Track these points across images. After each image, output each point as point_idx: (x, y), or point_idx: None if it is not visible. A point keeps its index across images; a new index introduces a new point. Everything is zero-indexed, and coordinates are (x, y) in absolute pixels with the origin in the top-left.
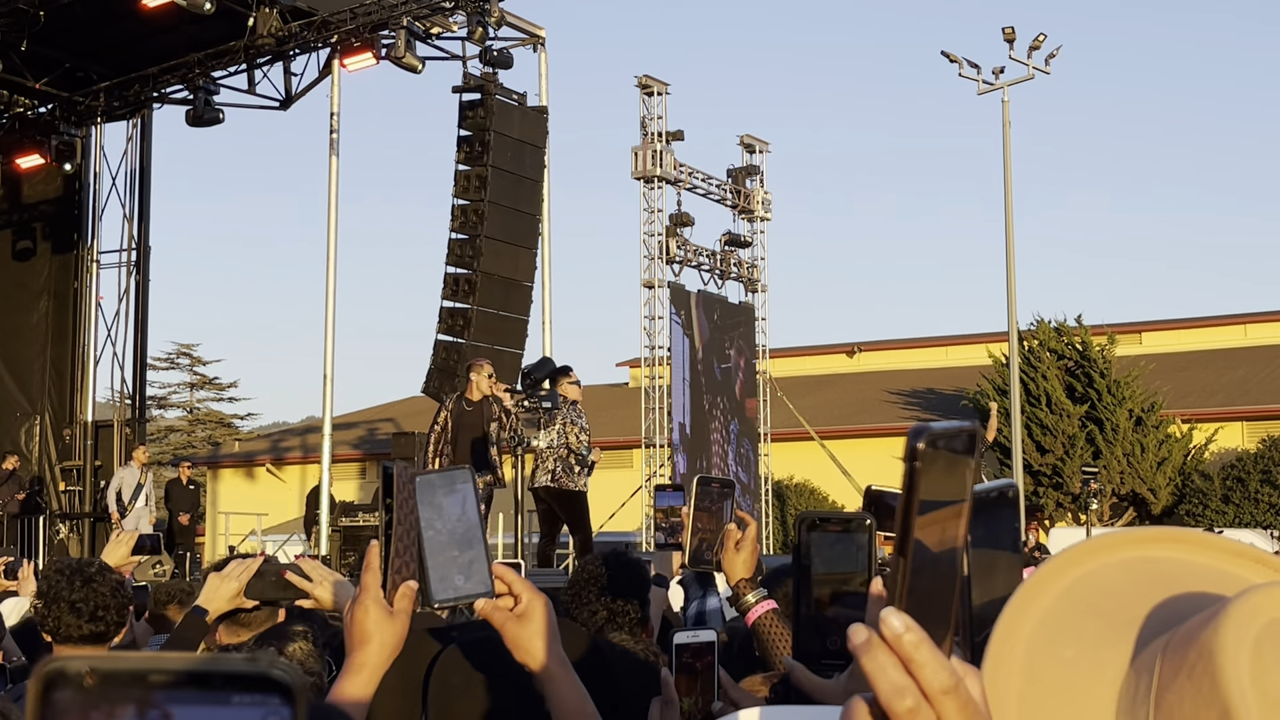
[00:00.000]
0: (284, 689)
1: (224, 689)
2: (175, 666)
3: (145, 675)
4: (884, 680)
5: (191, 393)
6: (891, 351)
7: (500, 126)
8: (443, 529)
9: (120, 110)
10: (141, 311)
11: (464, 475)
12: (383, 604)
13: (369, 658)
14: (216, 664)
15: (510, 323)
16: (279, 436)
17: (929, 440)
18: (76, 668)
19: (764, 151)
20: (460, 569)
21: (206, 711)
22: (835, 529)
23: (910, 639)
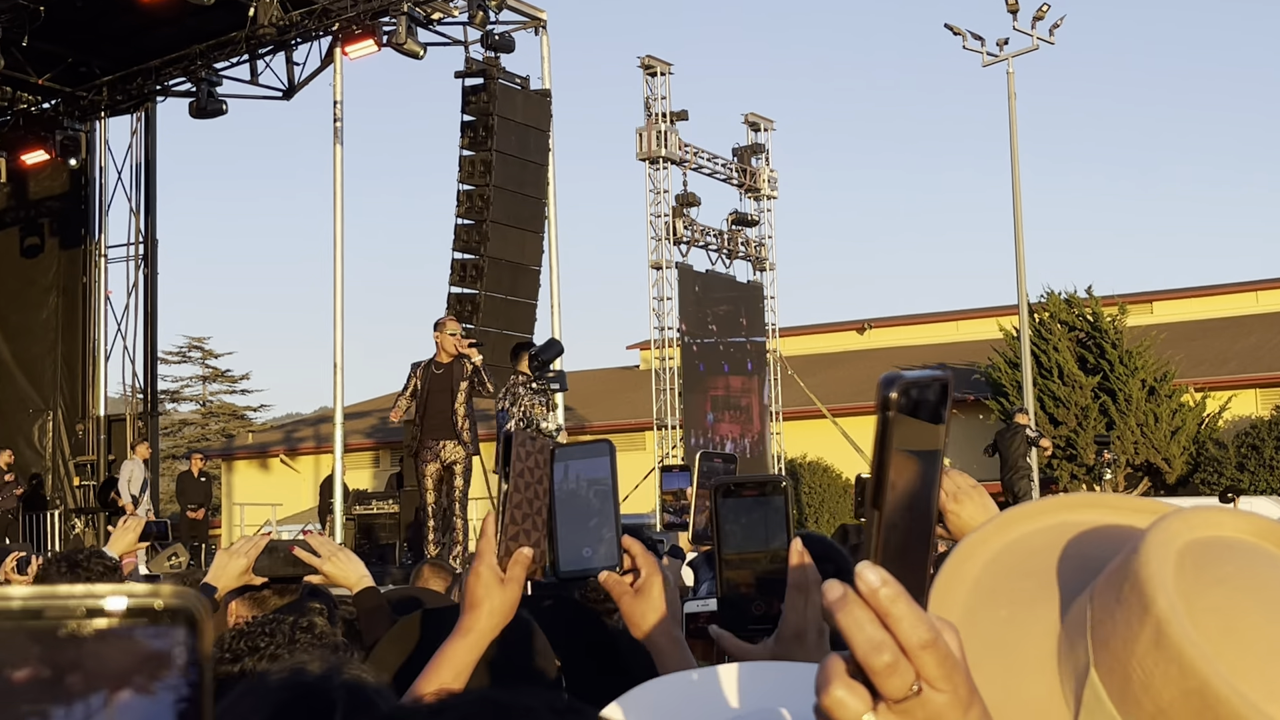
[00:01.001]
0: (184, 614)
1: (126, 620)
2: (73, 601)
3: (41, 611)
4: (860, 635)
5: (204, 386)
6: (901, 327)
7: (504, 111)
8: (575, 500)
9: (124, 104)
10: (150, 305)
11: (604, 448)
12: (496, 570)
13: (478, 622)
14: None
15: (518, 307)
16: (292, 427)
17: (901, 389)
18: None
19: (769, 129)
20: (590, 541)
21: (109, 644)
22: (751, 493)
23: (887, 593)
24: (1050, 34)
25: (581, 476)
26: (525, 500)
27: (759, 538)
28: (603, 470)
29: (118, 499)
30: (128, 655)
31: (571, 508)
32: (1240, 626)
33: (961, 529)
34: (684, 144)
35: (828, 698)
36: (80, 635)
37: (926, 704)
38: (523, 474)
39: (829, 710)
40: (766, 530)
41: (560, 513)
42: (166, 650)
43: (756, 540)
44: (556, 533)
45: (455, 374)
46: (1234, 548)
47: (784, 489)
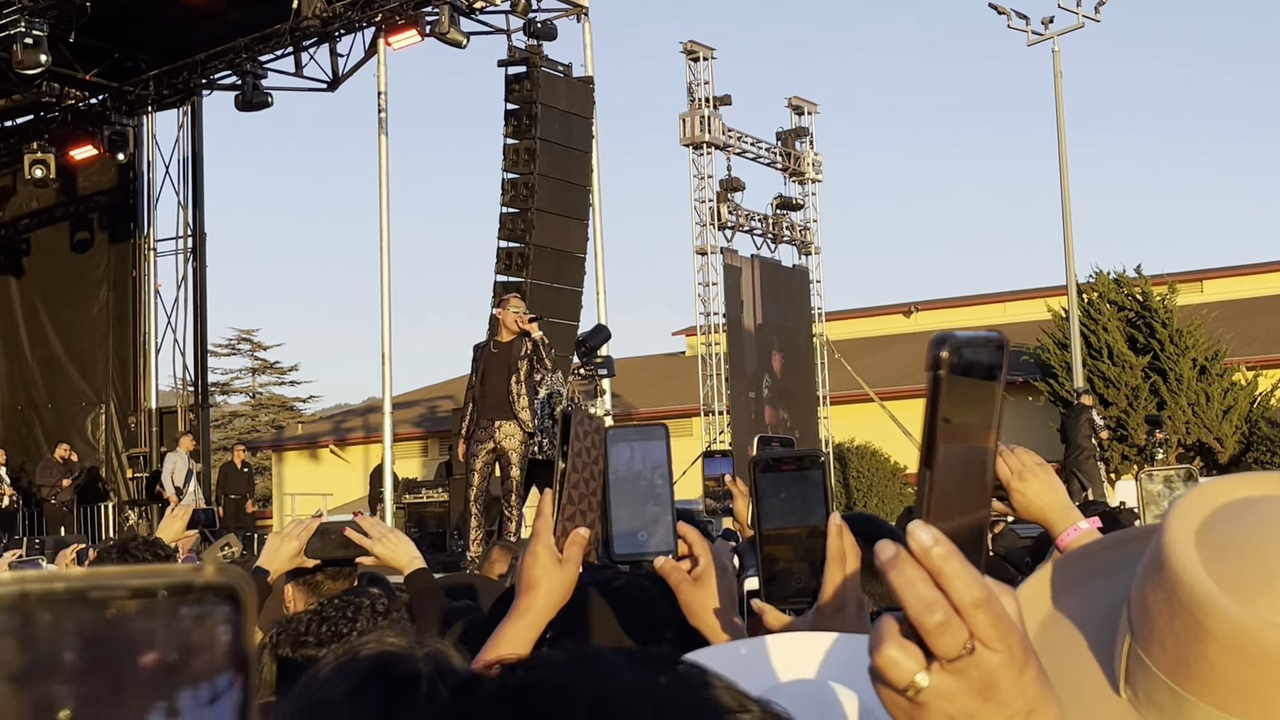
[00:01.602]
0: (228, 591)
1: (169, 600)
2: (116, 581)
3: (85, 592)
4: (912, 594)
5: (253, 378)
6: (949, 310)
7: (547, 99)
8: (630, 483)
9: (170, 98)
10: (200, 298)
11: (659, 431)
12: (553, 551)
13: (535, 603)
14: (158, 575)
15: (564, 295)
16: (341, 418)
17: (953, 348)
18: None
19: (812, 113)
20: (645, 525)
21: (153, 624)
22: (789, 468)
23: (939, 552)
24: (1096, 11)
25: (636, 458)
26: (582, 480)
27: (798, 512)
28: (658, 453)
29: (162, 491)
30: (173, 633)
31: (626, 490)
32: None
33: (1027, 508)
34: (727, 129)
35: (880, 657)
36: (126, 615)
37: (980, 663)
38: (580, 453)
39: (882, 670)
40: (805, 504)
41: (614, 494)
42: (211, 627)
43: (795, 514)
44: (610, 515)
45: (514, 352)
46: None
47: (821, 463)
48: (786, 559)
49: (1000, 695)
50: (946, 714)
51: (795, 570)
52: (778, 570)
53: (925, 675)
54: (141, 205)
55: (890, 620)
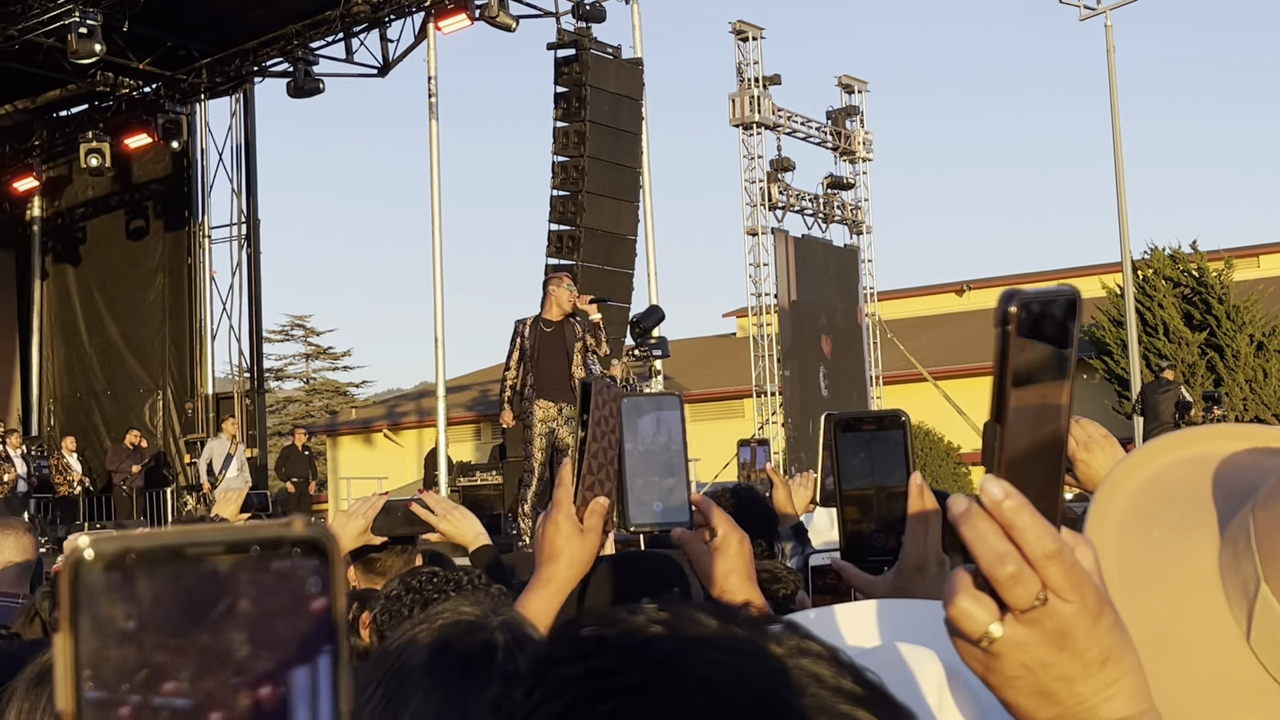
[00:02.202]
0: (318, 547)
1: (261, 553)
2: (210, 537)
3: (182, 548)
4: (984, 547)
5: (307, 363)
6: (1002, 288)
7: (596, 81)
8: (645, 452)
9: (223, 86)
10: (254, 284)
11: (672, 400)
12: (574, 520)
13: (557, 573)
14: (251, 531)
15: (615, 277)
16: (394, 402)
17: (1021, 304)
18: (112, 546)
19: (863, 91)
20: (660, 494)
21: (245, 577)
22: (870, 428)
23: (1010, 505)
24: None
25: (651, 428)
26: (601, 449)
27: (879, 471)
28: (673, 422)
29: (197, 477)
30: (264, 587)
31: (641, 459)
32: None
33: (1092, 479)
34: (777, 108)
35: (954, 609)
36: (219, 570)
37: (1054, 614)
38: (600, 422)
39: (955, 621)
40: (886, 464)
41: (629, 464)
42: (301, 581)
43: (876, 474)
44: (626, 484)
45: (568, 334)
46: None
47: (903, 423)
48: (866, 519)
49: (1075, 644)
50: (1021, 664)
51: (875, 530)
52: (858, 530)
53: (999, 626)
54: (196, 193)
55: (963, 573)
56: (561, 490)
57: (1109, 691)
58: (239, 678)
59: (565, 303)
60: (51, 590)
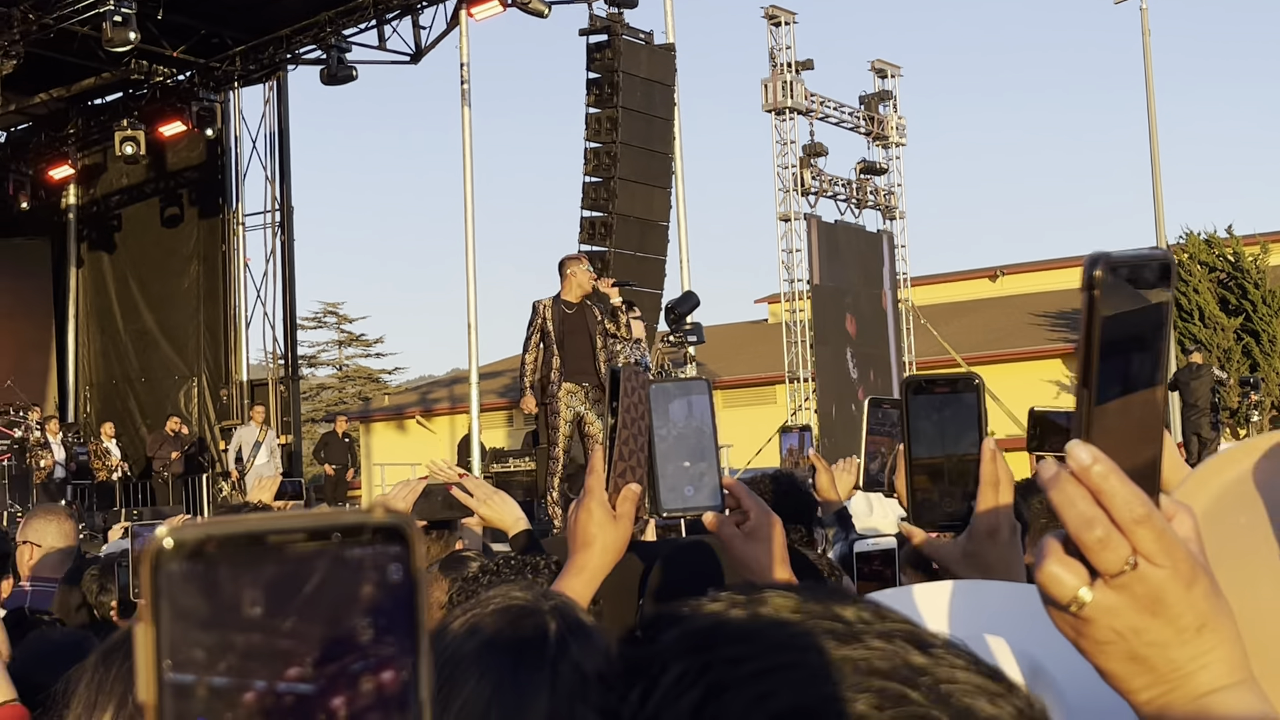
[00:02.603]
0: (397, 532)
1: (342, 541)
2: (291, 524)
3: (263, 536)
4: (1072, 512)
5: (340, 350)
6: (1035, 273)
7: (628, 67)
8: (675, 438)
9: (256, 74)
10: (288, 271)
11: (700, 385)
12: (607, 507)
13: (591, 560)
14: (331, 518)
15: (648, 263)
16: (427, 389)
17: (1107, 267)
18: (193, 535)
19: (896, 76)
20: (691, 480)
21: (326, 564)
22: (943, 390)
23: (1098, 470)
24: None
25: (680, 413)
26: (632, 436)
27: (950, 435)
28: (701, 407)
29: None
30: (345, 574)
31: (671, 445)
32: None
33: None
34: (810, 93)
35: (1042, 573)
36: (301, 557)
37: (1145, 579)
38: (629, 409)
39: (1044, 586)
40: (958, 427)
41: (660, 450)
42: (382, 566)
43: (948, 437)
44: (656, 470)
45: (589, 316)
46: None
47: (976, 386)
48: (936, 483)
49: (1168, 611)
50: (1113, 629)
51: (945, 494)
52: (927, 494)
53: (1088, 590)
54: (230, 180)
55: (1052, 540)
56: (594, 478)
57: (1205, 659)
58: (320, 665)
59: (586, 284)
60: (101, 574)
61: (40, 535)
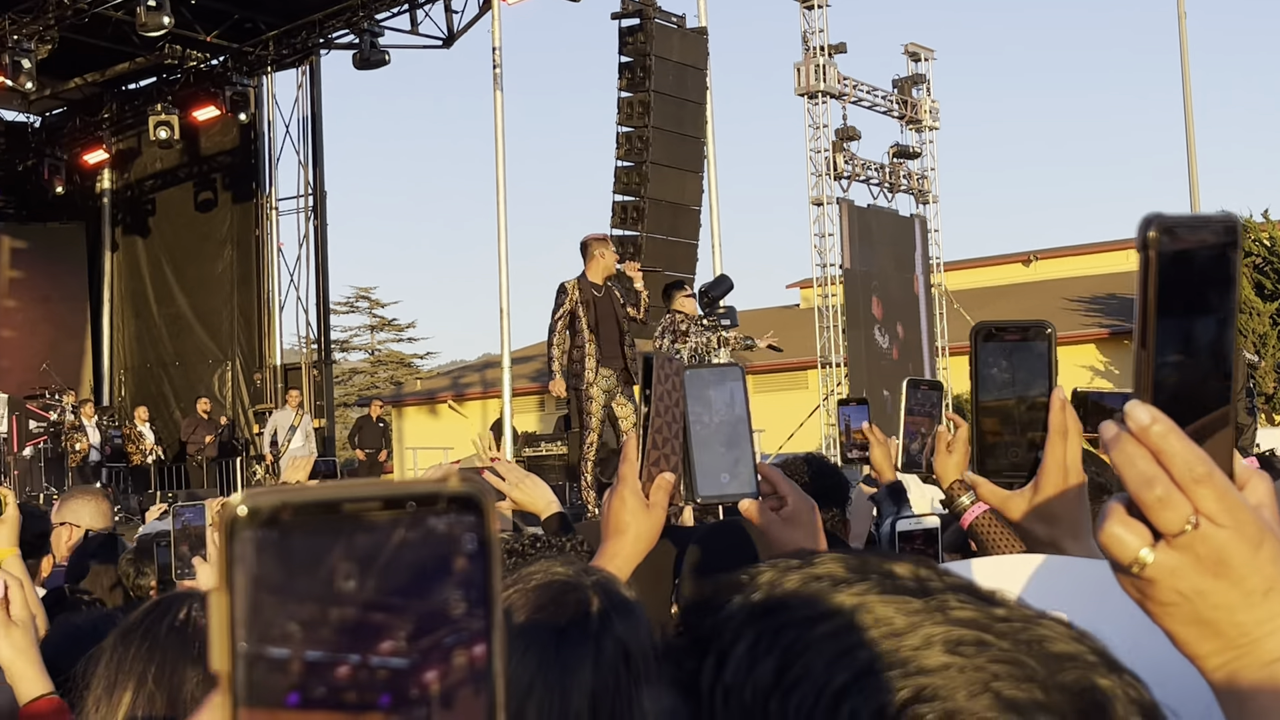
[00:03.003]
0: (471, 502)
1: (417, 509)
2: (366, 492)
3: (339, 504)
4: (1132, 471)
5: (372, 335)
6: (1069, 258)
7: (660, 50)
8: (710, 424)
9: (289, 58)
10: (321, 256)
11: (735, 372)
12: (640, 495)
13: (623, 548)
14: (406, 487)
15: (680, 248)
16: (458, 373)
17: (1163, 228)
18: (269, 501)
19: (929, 59)
20: (726, 466)
21: (400, 533)
22: (1013, 338)
23: (1158, 430)
24: None
25: (714, 400)
26: (665, 424)
27: (1019, 383)
28: (736, 393)
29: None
30: (421, 542)
31: (705, 432)
32: None
33: None
34: (843, 77)
35: (1103, 534)
36: (376, 524)
37: (1207, 539)
38: (663, 397)
39: (1106, 547)
40: (1027, 375)
41: (694, 437)
42: (456, 535)
43: (1016, 385)
44: (691, 457)
45: (614, 299)
46: None
47: (1049, 334)
48: (1003, 431)
49: (1232, 573)
50: (1176, 590)
51: (1012, 443)
52: (993, 443)
53: (1150, 551)
54: (263, 165)
55: (1117, 501)
56: (627, 466)
57: (1274, 624)
58: (396, 634)
59: (611, 265)
60: (138, 556)
61: (78, 516)
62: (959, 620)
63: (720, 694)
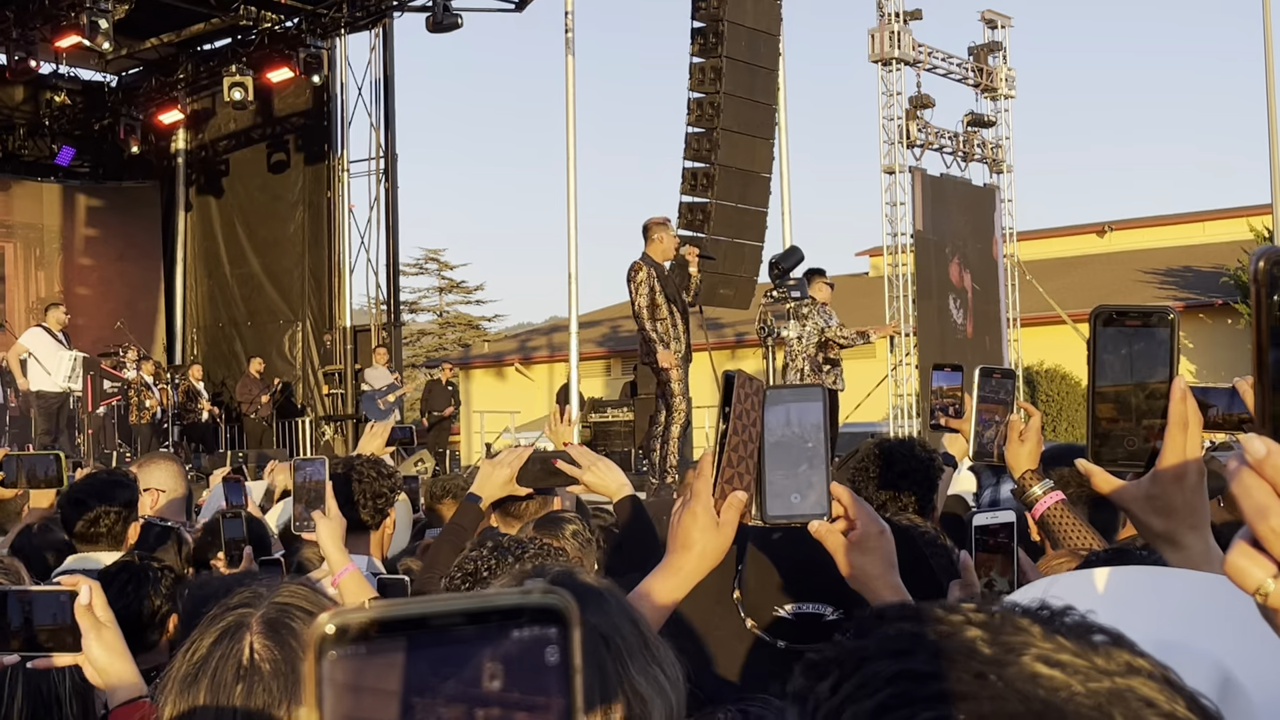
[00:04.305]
0: (557, 615)
1: (501, 623)
2: (453, 607)
3: (425, 619)
4: (1248, 502)
5: (440, 297)
6: (1144, 229)
7: (733, 16)
8: (785, 444)
9: (363, 20)
10: (392, 218)
11: (816, 392)
12: (712, 513)
13: (688, 563)
14: (491, 600)
15: (750, 215)
16: (526, 336)
17: (1271, 260)
18: (358, 619)
19: (1006, 26)
20: (798, 487)
21: (486, 647)
22: (1134, 324)
23: (1274, 462)
24: None
25: (792, 420)
26: (742, 442)
27: (1139, 370)
28: (814, 415)
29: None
30: (504, 656)
31: (780, 452)
32: None
33: None
34: (918, 44)
35: (1228, 565)
36: (460, 639)
37: None
38: (741, 415)
39: (1232, 578)
40: (1149, 363)
41: (769, 456)
42: (539, 649)
43: (1135, 373)
44: (764, 476)
45: (678, 282)
46: None
47: (1171, 321)
48: (1121, 419)
49: None
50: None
51: (1130, 432)
52: (1111, 431)
53: (1272, 581)
54: (335, 127)
55: (1240, 540)
56: (701, 482)
57: None
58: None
59: (671, 250)
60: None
61: (162, 481)
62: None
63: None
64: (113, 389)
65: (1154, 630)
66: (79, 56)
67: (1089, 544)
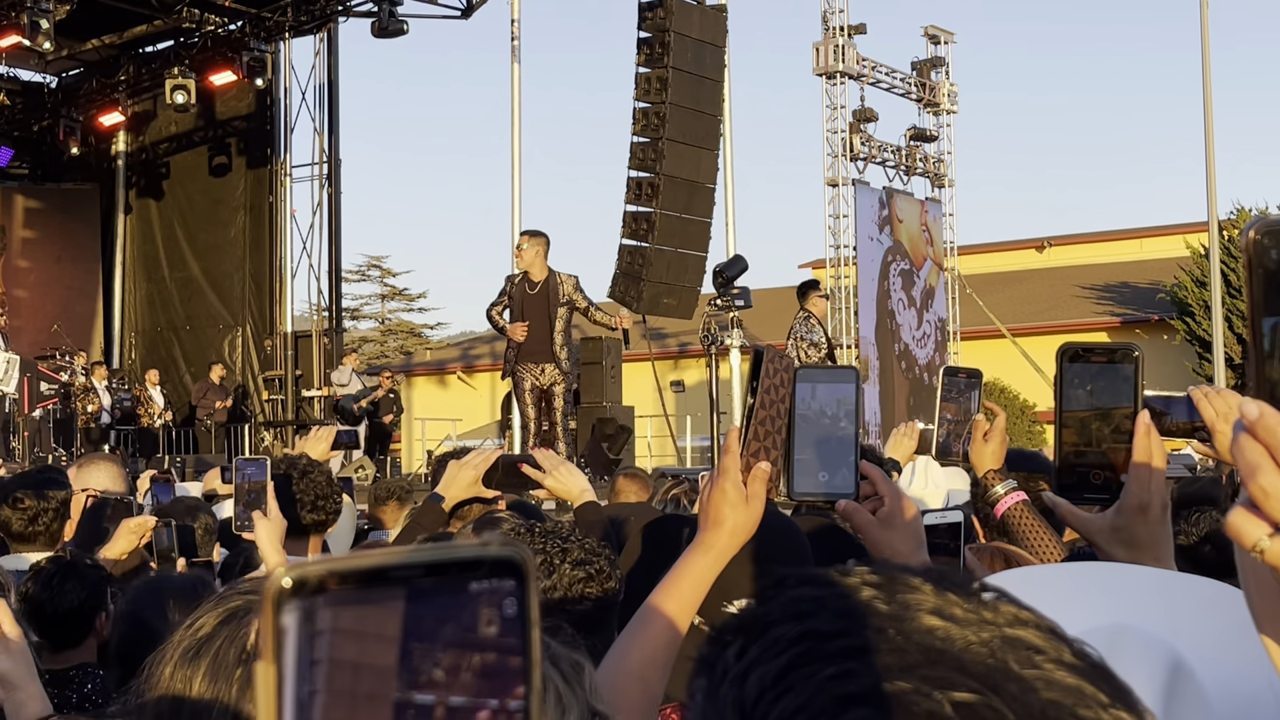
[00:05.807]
0: (515, 568)
1: (460, 575)
2: (412, 560)
3: (385, 571)
4: (1242, 461)
5: (383, 304)
6: (1083, 245)
7: (680, 27)
8: (815, 422)
9: (307, 25)
10: (334, 224)
11: (849, 374)
12: (740, 489)
13: (720, 540)
14: (450, 552)
15: (693, 225)
16: (468, 345)
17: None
18: (315, 572)
19: (949, 42)
20: (827, 465)
21: (445, 599)
22: (1100, 360)
23: (1267, 423)
24: None
25: (823, 399)
26: (769, 418)
27: (1104, 405)
28: (846, 394)
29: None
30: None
31: (809, 429)
32: None
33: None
34: (862, 58)
35: (1228, 524)
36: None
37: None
38: (770, 390)
39: (1231, 535)
40: (1113, 398)
41: (798, 434)
42: (498, 601)
43: (1101, 408)
44: (793, 454)
45: (551, 297)
46: None
47: (1135, 358)
48: (1086, 453)
49: None
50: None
51: (1095, 466)
52: (1076, 464)
53: (1268, 540)
54: (278, 131)
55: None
56: (729, 458)
57: None
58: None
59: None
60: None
61: (101, 482)
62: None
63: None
64: (50, 391)
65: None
66: (18, 56)
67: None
